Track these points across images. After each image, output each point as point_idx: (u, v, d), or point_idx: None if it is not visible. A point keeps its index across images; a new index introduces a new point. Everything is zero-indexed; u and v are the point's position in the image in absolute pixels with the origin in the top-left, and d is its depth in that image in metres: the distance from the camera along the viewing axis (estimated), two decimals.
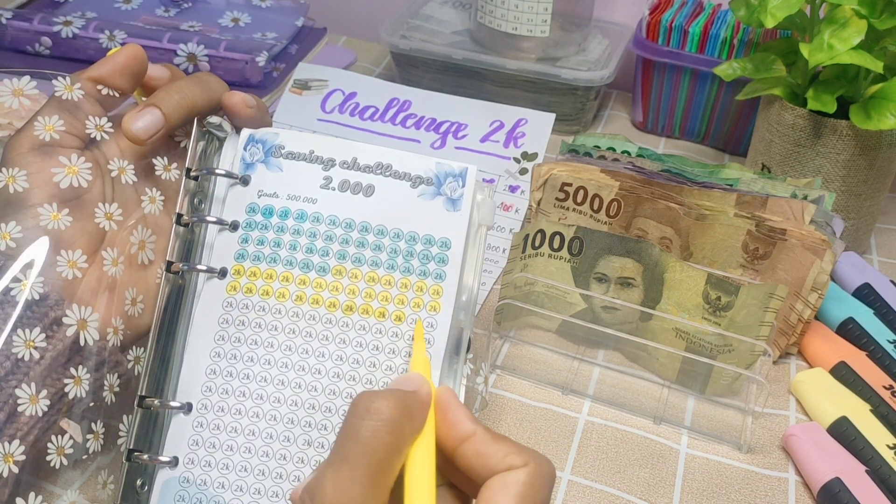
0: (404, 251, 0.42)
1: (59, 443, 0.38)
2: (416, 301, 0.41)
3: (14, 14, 0.79)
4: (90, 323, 0.40)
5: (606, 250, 0.54)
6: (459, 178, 0.43)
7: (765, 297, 0.50)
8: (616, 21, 0.86)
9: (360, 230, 0.42)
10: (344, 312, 0.41)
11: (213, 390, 0.40)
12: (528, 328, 0.57)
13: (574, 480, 0.48)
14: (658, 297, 0.54)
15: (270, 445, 0.39)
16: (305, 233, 0.42)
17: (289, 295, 0.41)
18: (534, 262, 0.56)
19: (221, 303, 0.41)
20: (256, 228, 0.42)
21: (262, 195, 0.42)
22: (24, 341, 0.38)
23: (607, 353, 0.56)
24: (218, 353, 0.40)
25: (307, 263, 0.41)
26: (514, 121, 0.69)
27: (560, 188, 0.57)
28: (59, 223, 0.40)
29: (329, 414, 0.39)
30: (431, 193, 0.42)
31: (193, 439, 0.39)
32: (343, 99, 0.73)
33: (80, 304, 0.40)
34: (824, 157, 0.60)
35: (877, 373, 0.53)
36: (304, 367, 0.40)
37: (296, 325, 0.40)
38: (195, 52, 0.75)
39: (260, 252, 0.42)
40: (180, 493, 0.38)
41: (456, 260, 0.42)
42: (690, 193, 0.55)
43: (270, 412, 0.39)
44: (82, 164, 0.42)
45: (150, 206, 0.44)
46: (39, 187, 0.40)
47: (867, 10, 0.55)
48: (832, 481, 0.46)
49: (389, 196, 0.42)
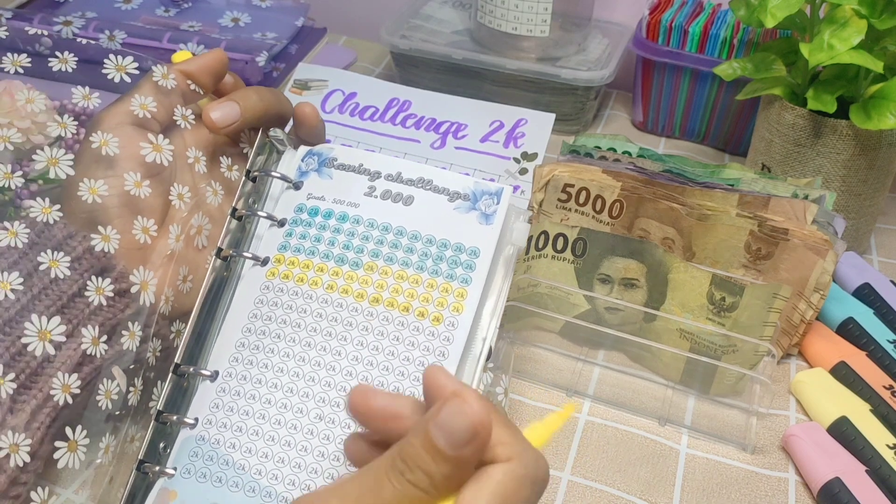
0: (434, 255, 0.44)
1: (108, 386, 0.42)
2: (440, 300, 0.43)
3: (14, 14, 0.79)
4: (150, 286, 0.45)
5: (610, 251, 0.54)
6: (495, 196, 0.45)
7: (769, 297, 0.50)
8: (616, 21, 0.86)
9: (395, 233, 0.45)
10: (370, 303, 0.43)
11: (239, 361, 0.42)
12: (531, 329, 0.57)
13: (574, 481, 0.48)
14: (662, 297, 0.54)
15: (283, 415, 0.41)
16: (345, 231, 0.45)
17: (321, 283, 0.44)
18: (537, 264, 0.56)
19: (259, 286, 0.44)
20: (301, 224, 0.46)
21: (310, 197, 0.46)
22: (95, 288, 0.43)
23: (610, 354, 0.56)
24: (249, 328, 0.43)
25: (342, 258, 0.44)
26: (514, 121, 0.69)
27: (562, 189, 0.57)
28: (140, 191, 0.45)
29: (343, 393, 0.41)
30: (467, 208, 0.45)
31: (214, 402, 0.41)
32: (343, 99, 0.73)
33: (146, 267, 0.45)
34: (824, 156, 0.60)
35: (877, 373, 0.53)
36: (325, 347, 0.42)
37: (323, 310, 0.43)
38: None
39: (301, 245, 0.45)
40: (194, 450, 0.40)
41: (483, 267, 0.44)
42: (692, 194, 0.55)
43: (288, 385, 0.41)
44: (166, 144, 0.46)
45: (213, 197, 0.49)
46: (128, 157, 0.45)
47: (867, 10, 0.56)
48: (832, 481, 0.46)
49: (427, 206, 0.45)
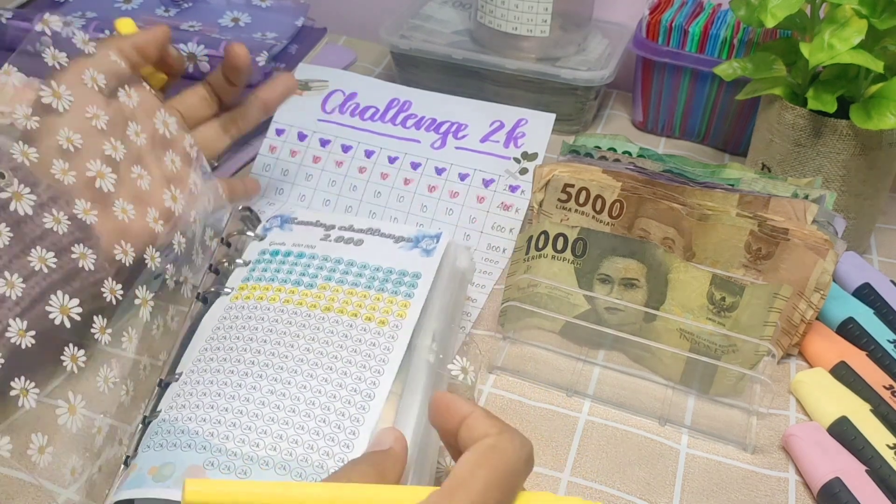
0: (381, 278, 0.50)
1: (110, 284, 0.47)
2: (385, 309, 0.48)
3: (14, 14, 0.79)
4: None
5: (610, 251, 0.54)
6: (434, 238, 0.53)
7: (769, 297, 0.50)
8: (616, 21, 0.86)
9: (346, 264, 0.51)
10: (322, 311, 0.48)
11: (201, 361, 0.47)
12: (530, 329, 0.57)
13: (574, 481, 0.48)
14: (662, 297, 0.54)
15: (237, 392, 0.44)
16: (301, 264, 0.51)
17: (278, 299, 0.49)
18: (537, 264, 0.56)
19: (224, 308, 0.49)
20: (264, 262, 0.52)
21: (273, 244, 0.53)
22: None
23: (610, 354, 0.56)
24: (212, 337, 0.48)
25: (298, 281, 0.50)
26: (515, 121, 0.69)
27: (562, 189, 0.57)
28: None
29: (289, 386, 0.44)
30: (410, 246, 0.52)
31: (176, 393, 0.45)
32: (343, 99, 0.73)
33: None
34: (824, 156, 0.60)
35: (877, 373, 0.53)
36: (279, 342, 0.46)
37: (278, 317, 0.48)
38: (195, 52, 0.75)
39: (262, 275, 0.51)
40: (155, 430, 0.44)
41: (426, 285, 0.50)
42: (692, 194, 0.55)
43: (242, 371, 0.45)
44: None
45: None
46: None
47: (867, 10, 0.56)
48: (832, 481, 0.46)
49: (375, 246, 0.53)
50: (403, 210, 0.68)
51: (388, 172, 0.69)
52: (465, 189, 0.68)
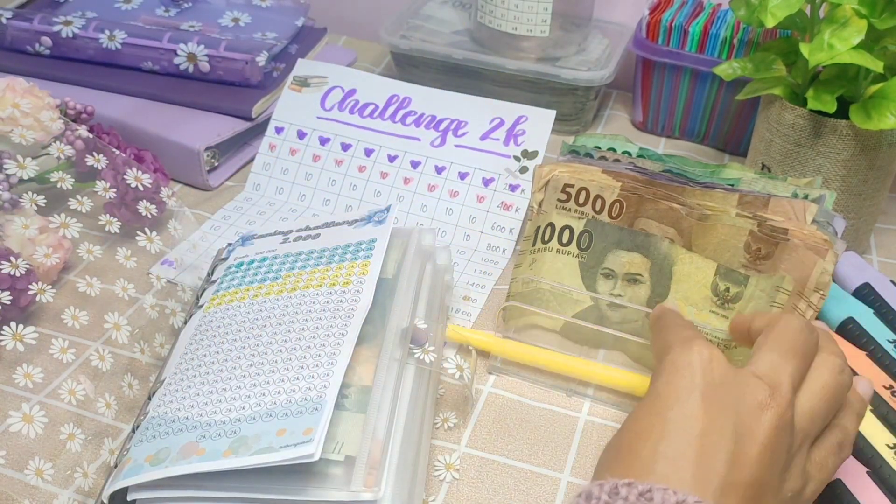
0: (340, 253, 0.53)
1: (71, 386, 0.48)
2: (347, 273, 0.51)
3: (14, 14, 0.79)
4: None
5: (615, 244, 0.54)
6: (385, 210, 0.57)
7: (772, 289, 0.50)
8: (616, 21, 0.86)
9: (307, 253, 0.55)
10: (289, 293, 0.51)
11: (182, 364, 0.48)
12: (531, 328, 0.57)
13: (574, 481, 0.48)
14: (665, 292, 0.54)
15: (215, 386, 0.46)
16: (266, 266, 0.54)
17: (247, 297, 0.52)
18: (542, 258, 0.56)
19: (200, 318, 0.52)
20: (230, 274, 0.55)
21: (237, 259, 0.56)
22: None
23: (611, 353, 0.56)
24: (191, 343, 0.50)
25: (264, 279, 0.53)
26: (515, 118, 0.69)
27: (562, 189, 0.57)
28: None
29: (266, 355, 0.47)
30: (363, 224, 0.56)
31: (162, 392, 0.47)
32: (343, 96, 0.73)
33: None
34: (824, 156, 0.60)
35: (877, 373, 0.53)
36: (250, 336, 0.48)
37: (250, 310, 0.50)
38: (195, 52, 0.75)
39: (231, 284, 0.54)
40: (145, 426, 0.45)
41: (382, 245, 0.53)
42: (692, 194, 0.55)
43: (222, 357, 0.47)
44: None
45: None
46: None
47: (867, 10, 0.56)
48: (832, 482, 0.46)
49: (332, 234, 0.56)
50: (403, 210, 0.68)
51: (388, 171, 0.69)
52: (464, 188, 0.68)
